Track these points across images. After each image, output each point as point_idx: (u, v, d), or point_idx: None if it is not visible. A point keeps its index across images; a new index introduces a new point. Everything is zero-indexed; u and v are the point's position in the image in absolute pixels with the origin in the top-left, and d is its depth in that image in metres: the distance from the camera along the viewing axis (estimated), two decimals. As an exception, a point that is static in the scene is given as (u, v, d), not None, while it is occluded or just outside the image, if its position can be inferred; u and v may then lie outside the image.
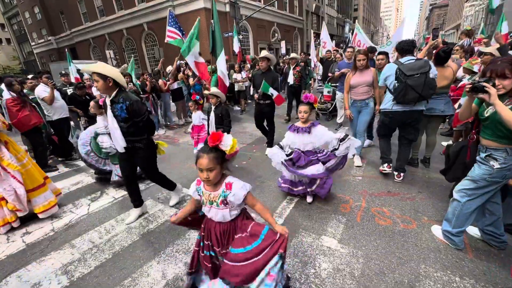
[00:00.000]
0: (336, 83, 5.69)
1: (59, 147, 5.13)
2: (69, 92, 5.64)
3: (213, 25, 5.28)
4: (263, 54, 4.38)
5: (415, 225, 2.51)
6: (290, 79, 6.42)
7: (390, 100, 3.12)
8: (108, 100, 2.48)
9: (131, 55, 20.05)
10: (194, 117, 4.45)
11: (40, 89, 4.57)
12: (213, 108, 3.87)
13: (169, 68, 7.23)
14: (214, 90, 3.90)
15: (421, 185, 3.22)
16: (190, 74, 7.56)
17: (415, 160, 3.71)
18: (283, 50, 16.77)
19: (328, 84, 6.47)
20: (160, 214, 2.97)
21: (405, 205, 2.84)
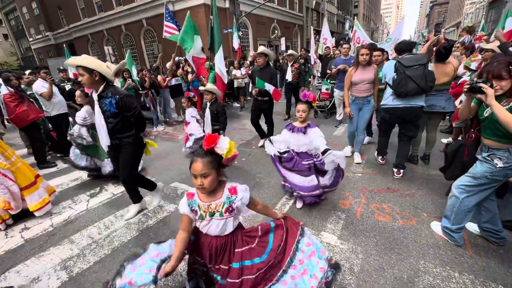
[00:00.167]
0: (334, 80, 5.67)
1: (57, 143, 5.11)
2: (68, 88, 5.61)
3: (212, 21, 5.23)
4: (260, 49, 4.30)
5: (414, 221, 2.51)
6: (288, 76, 6.39)
7: (390, 95, 3.13)
8: (95, 95, 2.38)
9: (130, 51, 19.93)
10: (187, 114, 4.44)
11: (38, 85, 4.53)
12: (208, 104, 3.82)
13: (169, 64, 7.17)
14: (209, 87, 3.85)
15: (421, 181, 3.23)
16: (189, 70, 7.52)
17: (415, 157, 3.71)
18: (283, 47, 16.70)
19: (327, 81, 6.44)
20: (159, 210, 2.97)
21: (404, 201, 2.85)
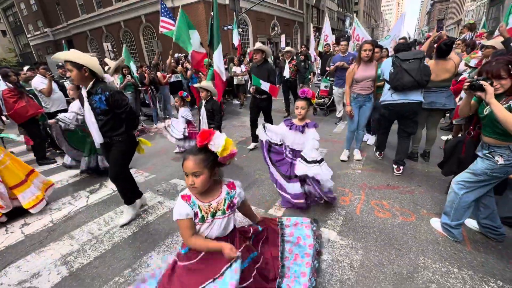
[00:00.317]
0: (333, 77, 5.63)
1: (57, 139, 5.09)
2: (66, 84, 5.58)
3: (212, 18, 5.17)
4: (257, 46, 4.15)
5: (414, 217, 2.52)
6: (286, 73, 6.32)
7: (388, 91, 3.19)
8: (85, 92, 2.29)
9: (127, 46, 19.80)
10: (179, 114, 4.33)
11: (37, 81, 4.50)
12: (203, 102, 3.74)
13: (168, 61, 7.14)
14: (204, 84, 3.74)
15: (421, 178, 3.23)
16: (189, 67, 7.49)
17: (415, 154, 3.72)
18: (283, 44, 16.61)
19: (326, 78, 6.41)
20: (160, 206, 2.97)
21: (404, 198, 2.85)
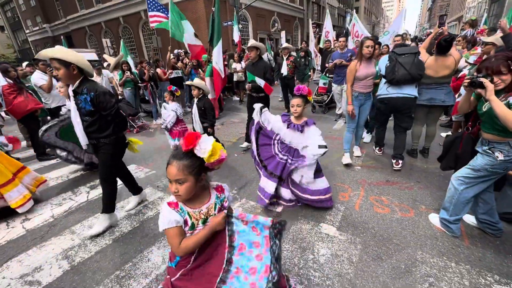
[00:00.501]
0: (332, 74, 5.60)
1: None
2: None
3: (213, 13, 5.12)
4: (250, 43, 4.07)
5: (412, 213, 2.53)
6: (284, 70, 6.28)
7: (383, 85, 3.31)
8: (71, 91, 2.20)
9: (124, 41, 19.70)
10: (169, 108, 4.17)
11: (37, 77, 4.48)
12: (195, 100, 3.67)
13: (168, 57, 7.10)
14: (196, 82, 3.65)
15: (420, 175, 3.25)
16: (188, 63, 7.46)
17: (414, 151, 3.73)
18: (283, 41, 16.53)
19: (325, 75, 6.38)
20: (160, 201, 2.98)
21: (403, 194, 2.87)
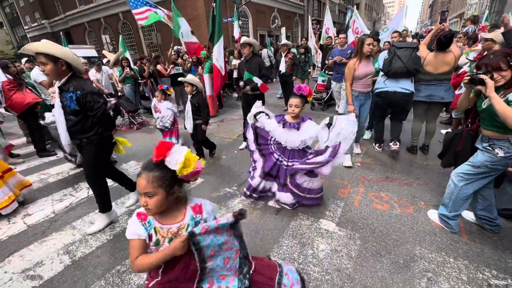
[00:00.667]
0: (332, 71, 5.54)
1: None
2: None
3: (214, 9, 5.06)
4: (243, 40, 3.98)
5: (411, 209, 2.55)
6: (282, 67, 6.21)
7: (381, 78, 3.41)
8: (56, 87, 2.11)
9: (128, 40, 19.61)
10: (162, 108, 4.17)
11: (37, 73, 4.46)
12: (189, 97, 3.62)
13: (169, 53, 7.06)
14: (189, 78, 3.60)
15: (419, 171, 3.26)
16: (188, 60, 7.42)
17: (414, 148, 3.73)
18: (283, 37, 16.43)
19: (324, 72, 6.32)
20: (160, 197, 2.99)
21: (402, 190, 2.88)
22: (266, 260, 1.54)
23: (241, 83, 4.07)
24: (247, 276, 1.28)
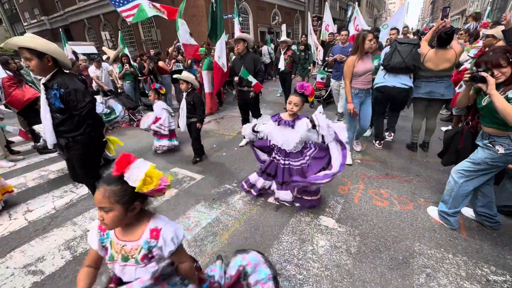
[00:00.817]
0: (331, 69, 5.48)
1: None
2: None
3: (213, 5, 5.01)
4: (237, 35, 3.92)
5: (411, 206, 2.55)
6: (281, 64, 6.15)
7: (381, 72, 3.50)
8: (42, 83, 2.04)
9: (128, 37, 19.52)
10: (156, 108, 4.07)
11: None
12: (184, 95, 3.55)
13: (170, 49, 7.01)
14: (184, 75, 3.50)
15: (419, 168, 3.26)
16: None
17: (414, 145, 3.73)
18: (284, 34, 16.34)
19: (323, 70, 6.27)
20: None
21: (402, 187, 2.89)
22: None
23: (236, 79, 4.03)
24: None
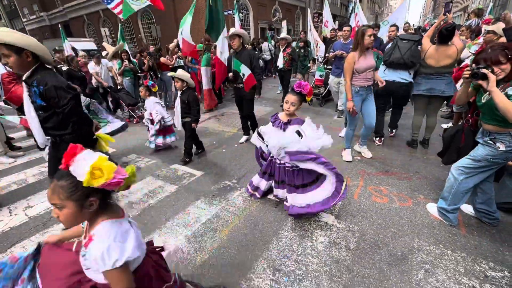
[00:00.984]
0: (331, 65, 5.44)
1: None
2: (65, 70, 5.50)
3: (210, 0, 4.93)
4: (232, 31, 3.83)
5: (410, 202, 2.56)
6: (279, 62, 6.07)
7: (382, 67, 3.59)
8: (23, 81, 1.96)
9: (127, 33, 19.40)
10: (148, 103, 3.99)
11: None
12: (179, 93, 3.48)
13: (172, 45, 6.95)
14: (179, 73, 3.42)
15: (419, 165, 3.26)
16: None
17: (414, 142, 3.73)
18: (284, 30, 16.23)
19: (321, 67, 6.21)
20: (160, 190, 3.01)
21: (402, 184, 2.89)
22: None
23: (230, 74, 3.99)
24: None
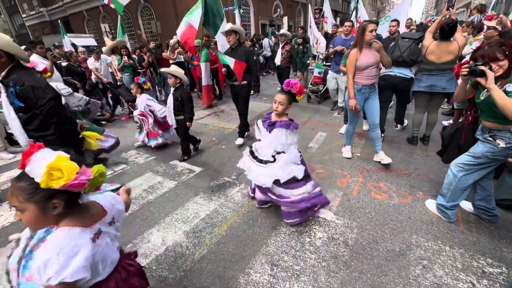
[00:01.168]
0: (330, 62, 5.37)
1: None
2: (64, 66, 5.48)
3: None
4: (228, 27, 3.73)
5: (409, 199, 2.56)
6: (277, 59, 5.97)
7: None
8: None
9: (127, 29, 19.28)
10: (140, 102, 3.94)
11: (38, 61, 4.40)
12: (171, 90, 3.38)
13: (172, 41, 6.91)
14: (172, 69, 3.32)
15: (419, 162, 3.25)
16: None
17: (415, 138, 3.71)
18: (285, 27, 16.12)
19: (320, 64, 6.14)
20: (160, 186, 3.01)
21: (401, 180, 2.88)
22: None
23: (223, 70, 3.98)
24: None
